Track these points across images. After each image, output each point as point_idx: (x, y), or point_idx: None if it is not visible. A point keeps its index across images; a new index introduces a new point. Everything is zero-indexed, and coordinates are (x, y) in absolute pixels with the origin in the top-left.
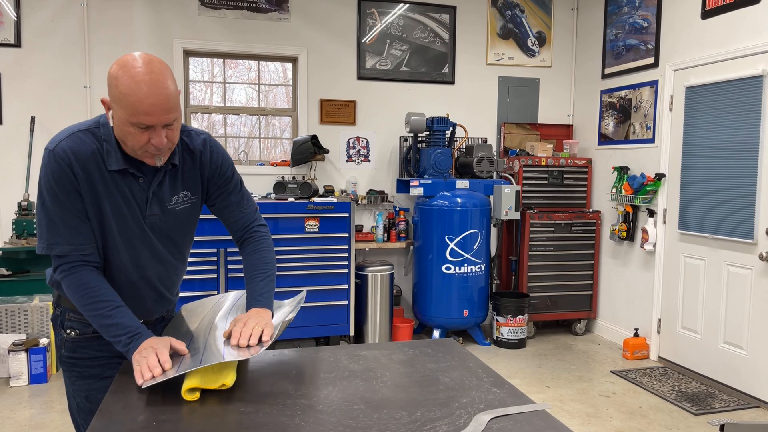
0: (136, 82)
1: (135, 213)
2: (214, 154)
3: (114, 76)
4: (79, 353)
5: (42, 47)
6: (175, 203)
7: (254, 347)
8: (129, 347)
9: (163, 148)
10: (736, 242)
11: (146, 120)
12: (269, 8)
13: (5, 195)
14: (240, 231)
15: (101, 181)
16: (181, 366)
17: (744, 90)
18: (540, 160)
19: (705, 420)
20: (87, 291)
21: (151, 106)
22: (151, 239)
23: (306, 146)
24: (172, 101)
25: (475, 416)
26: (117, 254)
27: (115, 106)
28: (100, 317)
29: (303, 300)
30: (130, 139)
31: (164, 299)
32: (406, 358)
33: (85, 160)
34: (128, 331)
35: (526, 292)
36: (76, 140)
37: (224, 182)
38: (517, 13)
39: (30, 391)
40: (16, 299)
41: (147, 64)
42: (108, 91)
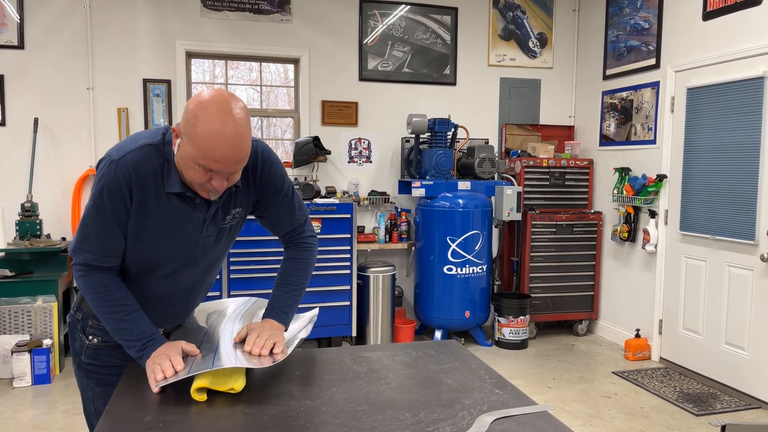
0: (215, 130)
1: (188, 233)
2: (266, 165)
3: (193, 114)
4: (100, 361)
5: (45, 49)
6: (229, 222)
7: (266, 358)
8: (143, 353)
9: (221, 190)
10: (738, 243)
11: (214, 167)
12: (271, 10)
13: (9, 196)
14: (287, 238)
15: (155, 199)
16: (192, 367)
17: (745, 91)
18: (541, 161)
19: (706, 421)
20: (104, 293)
21: (224, 156)
22: (196, 258)
23: (308, 147)
24: (245, 153)
25: (478, 417)
26: (153, 269)
27: (186, 141)
28: (115, 321)
29: (315, 318)
30: (191, 174)
31: (190, 308)
32: (409, 360)
33: (146, 178)
34: (142, 337)
35: (528, 292)
36: (142, 154)
37: (275, 193)
38: (518, 14)
39: (33, 391)
40: (20, 300)
41: (230, 112)
42: (182, 123)
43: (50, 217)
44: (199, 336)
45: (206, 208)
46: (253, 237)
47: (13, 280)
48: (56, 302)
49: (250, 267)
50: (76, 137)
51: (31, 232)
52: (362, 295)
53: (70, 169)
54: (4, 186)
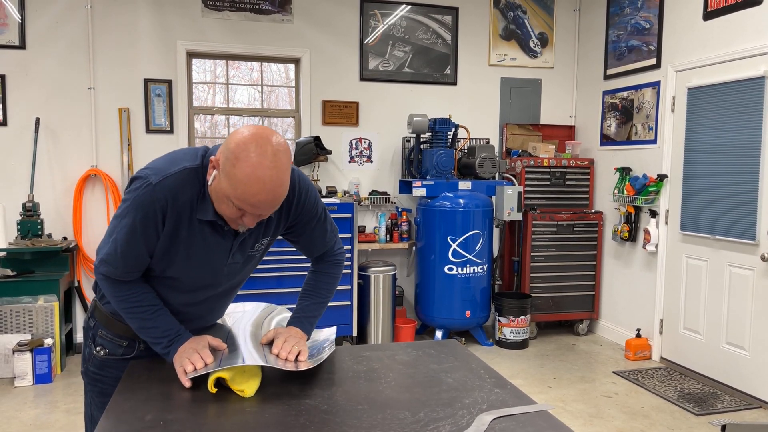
0: (257, 176)
1: (213, 260)
2: (302, 196)
3: (234, 153)
4: (106, 372)
5: (46, 49)
6: (256, 250)
7: (291, 363)
8: (169, 349)
9: (252, 226)
10: (738, 243)
11: (249, 210)
12: (272, 10)
13: (10, 196)
14: (316, 256)
15: (187, 225)
16: (222, 361)
17: (746, 91)
18: (542, 161)
19: (707, 420)
20: (128, 295)
21: (261, 202)
22: (220, 283)
23: (309, 147)
24: (281, 199)
25: (478, 416)
26: (177, 292)
27: (223, 178)
28: (140, 320)
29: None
30: (223, 208)
31: (207, 325)
32: (409, 359)
33: (183, 205)
34: (168, 334)
35: (529, 292)
36: (181, 179)
37: (309, 220)
38: (519, 14)
39: (35, 391)
40: (21, 300)
41: (274, 158)
42: (223, 159)
43: (51, 217)
44: (223, 334)
45: (233, 237)
46: None
47: (14, 279)
48: (57, 302)
49: None
50: (77, 137)
51: (33, 231)
52: (363, 295)
53: (72, 169)
54: (5, 186)
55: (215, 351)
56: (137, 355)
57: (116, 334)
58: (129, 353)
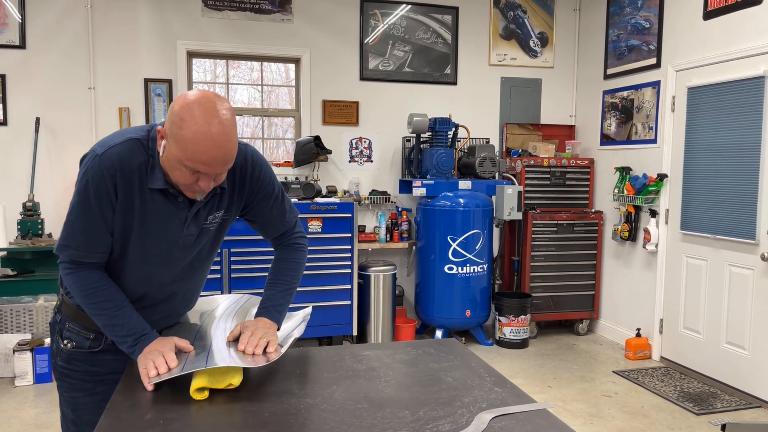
0: (202, 132)
1: (169, 232)
2: (255, 169)
3: (181, 116)
4: (74, 365)
5: (46, 48)
6: (211, 222)
7: (260, 357)
8: (134, 349)
9: (208, 191)
10: (738, 242)
11: (202, 168)
12: (272, 9)
13: (11, 195)
14: (277, 240)
15: (139, 195)
16: (186, 365)
17: (746, 91)
18: (542, 161)
19: (707, 420)
20: (93, 290)
21: (211, 158)
22: (177, 258)
23: (309, 147)
24: (232, 155)
25: (477, 415)
26: (135, 269)
27: (172, 144)
28: (106, 317)
29: (308, 317)
30: (176, 175)
31: (175, 314)
32: (408, 358)
33: (131, 172)
34: (134, 333)
35: (529, 292)
36: (127, 149)
37: (265, 196)
38: (519, 13)
39: (35, 390)
40: (21, 299)
41: (216, 113)
42: (168, 125)
43: (52, 217)
44: (191, 334)
45: (188, 207)
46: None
47: (14, 279)
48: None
49: (250, 266)
50: (77, 137)
51: (33, 231)
52: (363, 295)
53: (72, 169)
54: (5, 185)
55: (180, 353)
56: (104, 348)
57: (83, 326)
58: (96, 346)
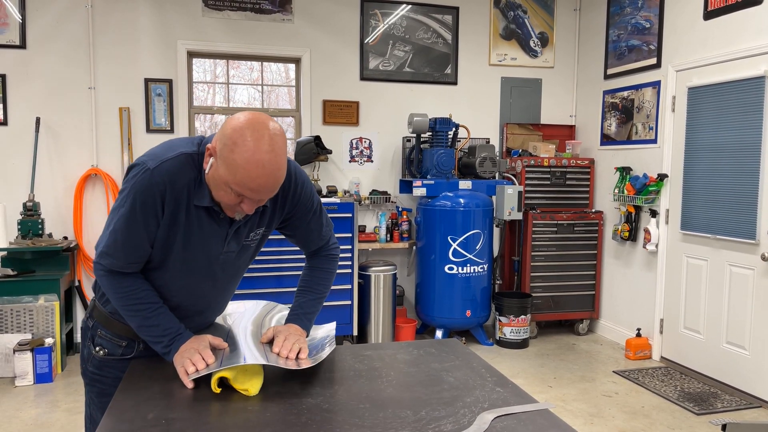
0: (256, 160)
1: (209, 248)
2: (299, 187)
3: (231, 138)
4: (105, 372)
5: (47, 49)
6: (252, 239)
7: (292, 361)
8: (170, 348)
9: (250, 213)
10: (739, 242)
11: (249, 195)
12: (272, 9)
13: (11, 195)
14: (312, 250)
15: (186, 211)
16: (224, 361)
17: (746, 91)
18: (542, 161)
19: (707, 420)
20: (128, 292)
21: (261, 186)
22: (215, 273)
23: (309, 147)
24: (280, 183)
25: (479, 415)
26: (174, 280)
27: (221, 164)
28: (141, 318)
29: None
30: (221, 195)
31: (206, 321)
32: (410, 358)
33: (180, 189)
34: (168, 333)
35: (529, 292)
36: (178, 164)
37: (305, 212)
38: (519, 13)
39: (35, 390)
40: (22, 299)
41: (272, 140)
42: (219, 145)
43: (52, 217)
44: (224, 331)
45: (229, 224)
46: None
47: (15, 279)
48: (58, 301)
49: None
50: (77, 137)
51: (33, 231)
52: (363, 295)
53: (72, 169)
54: (6, 185)
55: (216, 350)
56: (136, 355)
57: (115, 333)
58: (128, 353)
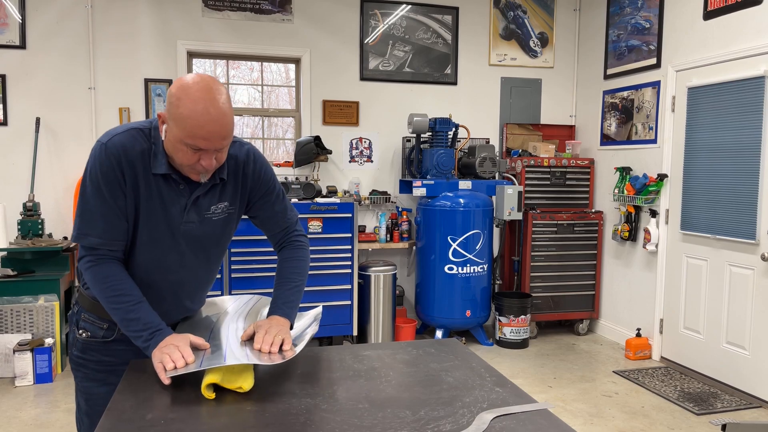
0: (199, 107)
1: (171, 218)
2: (257, 165)
3: (176, 96)
4: (88, 355)
5: (47, 48)
6: (213, 212)
7: (276, 355)
8: (149, 343)
9: (211, 169)
10: (739, 243)
11: (202, 144)
12: (272, 10)
13: (11, 195)
14: (279, 237)
15: (145, 181)
16: (204, 361)
17: (746, 91)
18: (542, 161)
19: (707, 420)
20: (110, 284)
21: (210, 132)
22: (180, 245)
23: (309, 147)
24: (229, 129)
25: (478, 415)
26: (141, 254)
27: (172, 124)
28: (122, 311)
29: (320, 316)
30: (180, 155)
31: (181, 306)
32: (409, 358)
33: (135, 158)
34: (149, 327)
35: (529, 292)
36: (130, 137)
37: (266, 193)
38: (519, 14)
39: (35, 390)
40: (22, 299)
41: (209, 89)
42: (167, 108)
43: (52, 217)
44: (206, 332)
45: (189, 194)
46: (254, 236)
47: (15, 279)
48: (58, 301)
49: (251, 266)
50: (77, 137)
51: (33, 231)
52: (363, 295)
53: (72, 169)
54: (5, 185)
55: (197, 350)
56: (117, 337)
57: (98, 316)
58: (109, 336)
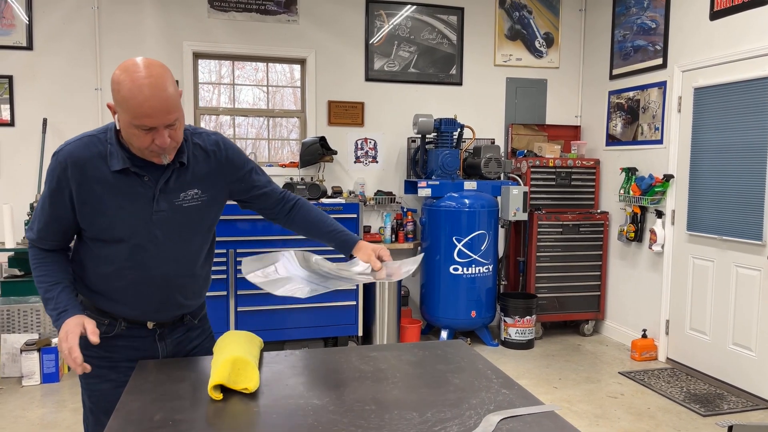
0: (137, 86)
1: (141, 210)
2: (229, 151)
3: (117, 80)
4: (90, 351)
5: (53, 50)
6: (183, 200)
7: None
8: (58, 324)
9: (167, 147)
10: (745, 243)
11: (148, 122)
12: (278, 10)
13: (17, 196)
14: (279, 204)
15: (101, 182)
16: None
17: (752, 91)
18: (548, 161)
19: (713, 421)
20: (39, 265)
21: (152, 108)
22: (156, 237)
23: (314, 147)
24: (172, 102)
25: (485, 417)
26: (121, 253)
27: (119, 110)
28: (42, 290)
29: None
30: (135, 140)
31: (173, 302)
32: (416, 359)
33: (84, 164)
34: (57, 308)
35: (534, 292)
36: (80, 145)
37: (246, 172)
38: (524, 14)
39: (42, 390)
40: (29, 299)
41: (147, 68)
42: (112, 95)
43: None
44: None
45: (155, 184)
46: (261, 237)
47: (21, 279)
48: None
49: None
50: None
51: None
52: (368, 295)
53: None
54: (13, 186)
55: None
56: (117, 333)
57: (99, 312)
58: (110, 331)
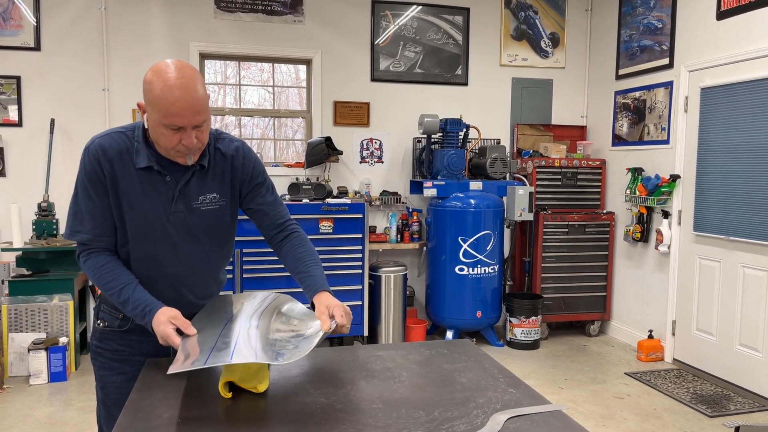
0: (168, 86)
1: (159, 209)
2: (246, 159)
3: (149, 81)
4: (105, 344)
5: (61, 50)
6: (201, 203)
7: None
8: (145, 321)
9: (193, 147)
10: (752, 244)
11: (177, 122)
12: (284, 11)
13: (26, 196)
14: (276, 228)
15: (126, 177)
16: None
17: (759, 91)
18: (553, 161)
19: (720, 422)
20: (103, 272)
21: (182, 108)
22: (171, 236)
23: (320, 148)
24: (201, 104)
25: (492, 416)
26: (136, 249)
27: (150, 109)
28: (115, 296)
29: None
30: (162, 139)
31: (184, 301)
32: (422, 359)
33: (112, 157)
34: (139, 306)
35: (540, 293)
36: (109, 139)
37: (257, 185)
38: (530, 14)
39: (49, 389)
40: (36, 299)
41: (179, 69)
42: (143, 95)
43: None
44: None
45: (176, 185)
46: None
47: (29, 279)
48: (72, 300)
49: (263, 267)
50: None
51: (48, 231)
52: (374, 295)
53: None
54: (21, 186)
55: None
56: (131, 327)
57: (114, 306)
58: (124, 325)
